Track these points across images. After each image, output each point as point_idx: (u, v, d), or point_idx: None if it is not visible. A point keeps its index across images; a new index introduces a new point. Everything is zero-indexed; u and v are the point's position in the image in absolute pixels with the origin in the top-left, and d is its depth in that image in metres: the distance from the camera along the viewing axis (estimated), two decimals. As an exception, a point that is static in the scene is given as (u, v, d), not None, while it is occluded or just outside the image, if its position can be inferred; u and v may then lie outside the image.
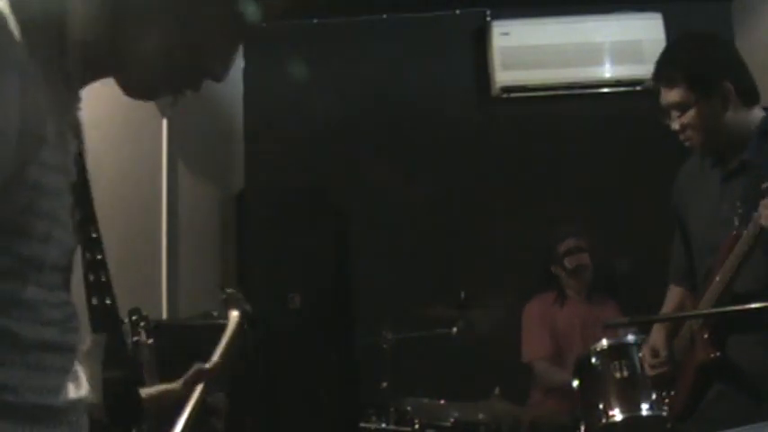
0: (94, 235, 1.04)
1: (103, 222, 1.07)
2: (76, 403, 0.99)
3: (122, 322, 1.08)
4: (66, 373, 0.97)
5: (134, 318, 2.30)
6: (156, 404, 1.38)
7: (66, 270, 0.99)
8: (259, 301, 4.10)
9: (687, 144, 2.29)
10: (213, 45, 0.98)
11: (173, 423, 1.39)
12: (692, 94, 2.21)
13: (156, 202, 3.55)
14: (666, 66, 2.30)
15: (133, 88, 0.98)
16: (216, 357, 1.60)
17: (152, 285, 3.46)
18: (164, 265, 3.54)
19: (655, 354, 2.43)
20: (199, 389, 1.46)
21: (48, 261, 0.91)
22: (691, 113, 2.22)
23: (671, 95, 2.25)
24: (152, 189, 3.52)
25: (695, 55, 2.29)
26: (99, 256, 1.05)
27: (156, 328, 2.46)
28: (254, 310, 1.89)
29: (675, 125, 2.27)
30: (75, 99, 1.00)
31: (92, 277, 1.05)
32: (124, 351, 1.11)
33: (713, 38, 2.43)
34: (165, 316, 3.47)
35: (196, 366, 1.49)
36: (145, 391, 1.36)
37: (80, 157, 1.03)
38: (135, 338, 2.16)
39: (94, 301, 1.05)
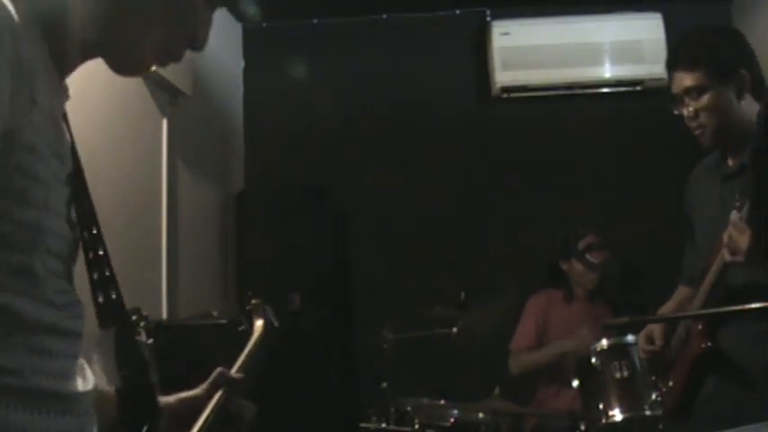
0: (95, 231, 1.03)
1: (103, 222, 1.06)
2: (84, 396, 0.98)
3: (130, 317, 1.05)
4: (72, 358, 0.97)
5: (134, 318, 2.31)
6: (175, 412, 1.34)
7: (67, 261, 0.98)
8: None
9: (697, 133, 2.27)
10: (194, 17, 1.04)
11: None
12: (709, 78, 2.21)
13: (156, 202, 3.54)
14: (686, 49, 2.30)
15: (124, 66, 1.04)
16: (237, 365, 1.56)
17: (152, 285, 3.45)
18: (164, 265, 3.53)
19: (650, 341, 2.44)
20: (218, 394, 1.42)
21: (47, 231, 0.91)
22: (706, 97, 2.22)
23: (688, 79, 2.24)
24: (152, 189, 3.51)
25: (715, 41, 2.32)
26: (101, 252, 1.03)
27: (155, 328, 2.46)
28: (280, 325, 1.87)
29: (688, 111, 2.25)
30: (65, 88, 1.02)
31: (96, 275, 1.03)
32: (134, 347, 1.07)
33: (731, 29, 2.45)
34: (165, 316, 3.47)
35: (218, 370, 1.46)
36: (163, 400, 1.31)
37: (73, 150, 1.03)
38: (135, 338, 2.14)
39: (100, 299, 1.03)
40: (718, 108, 2.22)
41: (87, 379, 1.02)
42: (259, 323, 1.81)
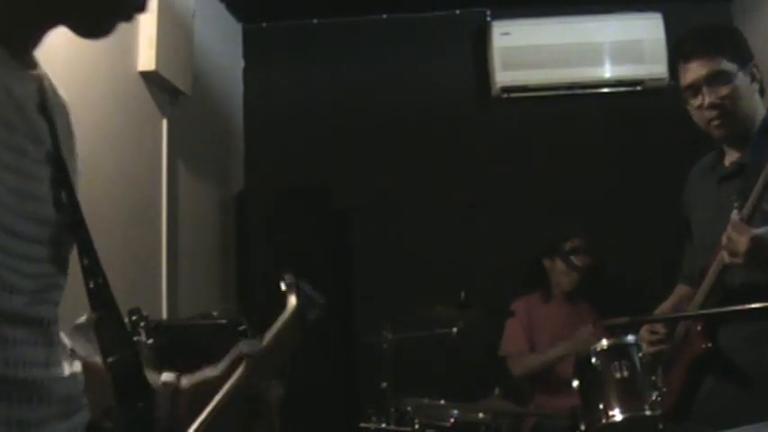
0: (78, 217, 1.01)
1: (104, 222, 1.06)
2: (60, 382, 0.96)
3: (114, 300, 1.04)
4: (35, 346, 0.94)
5: (134, 318, 2.30)
6: (197, 394, 1.25)
7: (53, 245, 0.95)
8: (259, 301, 4.11)
9: (716, 123, 2.21)
10: None
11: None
12: (735, 65, 2.19)
13: (156, 202, 3.54)
14: (703, 38, 2.25)
15: (87, 27, 0.98)
16: (263, 343, 1.41)
17: (152, 285, 3.45)
18: (164, 265, 3.53)
19: (653, 331, 2.41)
20: (236, 374, 1.29)
21: (6, 224, 0.87)
22: (732, 85, 2.18)
23: (711, 65, 2.18)
24: (152, 189, 3.51)
25: (729, 30, 2.33)
26: (85, 237, 1.02)
27: (155, 328, 2.46)
28: (322, 298, 1.66)
29: (711, 99, 2.19)
30: (31, 63, 0.98)
31: (85, 261, 1.02)
32: (120, 329, 1.06)
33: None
34: (165, 316, 3.47)
35: (237, 346, 1.34)
36: (185, 381, 1.27)
37: (54, 133, 0.99)
38: (135, 338, 2.12)
39: (91, 285, 1.02)
40: (744, 94, 2.20)
41: (71, 365, 1.00)
42: (292, 300, 1.66)
